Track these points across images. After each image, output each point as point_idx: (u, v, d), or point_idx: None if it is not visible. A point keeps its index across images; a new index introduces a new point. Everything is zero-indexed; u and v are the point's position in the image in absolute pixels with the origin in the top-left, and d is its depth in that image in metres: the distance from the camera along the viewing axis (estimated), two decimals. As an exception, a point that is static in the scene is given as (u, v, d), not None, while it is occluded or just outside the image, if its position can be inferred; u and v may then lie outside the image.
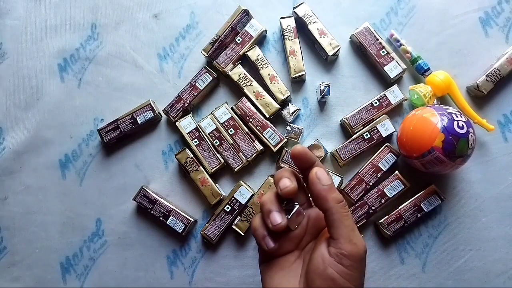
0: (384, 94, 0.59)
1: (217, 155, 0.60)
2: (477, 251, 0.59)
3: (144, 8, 0.66)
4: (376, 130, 0.58)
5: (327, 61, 0.62)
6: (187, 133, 0.60)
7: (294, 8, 0.61)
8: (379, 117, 0.59)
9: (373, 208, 0.57)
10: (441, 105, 0.55)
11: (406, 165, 0.60)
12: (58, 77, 0.65)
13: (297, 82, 0.63)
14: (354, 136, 0.59)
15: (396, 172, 0.58)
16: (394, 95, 0.59)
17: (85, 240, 0.62)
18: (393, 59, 0.59)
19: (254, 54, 0.61)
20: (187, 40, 0.65)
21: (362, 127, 0.59)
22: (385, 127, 0.58)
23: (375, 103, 0.59)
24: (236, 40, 0.61)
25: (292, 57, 0.60)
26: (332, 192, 0.36)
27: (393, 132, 0.58)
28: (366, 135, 0.58)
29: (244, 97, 0.60)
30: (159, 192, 0.62)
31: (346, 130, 0.61)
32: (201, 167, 0.60)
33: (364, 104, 0.59)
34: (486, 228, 0.59)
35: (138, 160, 0.63)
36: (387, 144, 0.59)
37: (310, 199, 0.41)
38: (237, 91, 0.63)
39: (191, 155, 0.60)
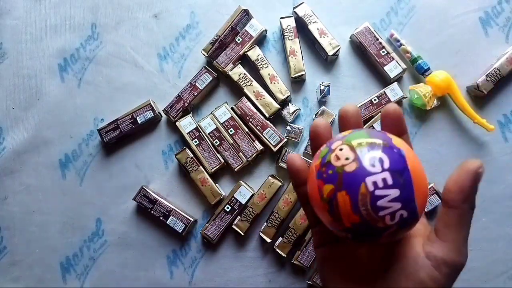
0: (384, 92, 0.59)
1: (217, 155, 0.60)
2: (477, 251, 0.59)
3: (144, 8, 0.66)
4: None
5: (327, 61, 0.62)
6: (187, 133, 0.60)
7: (294, 8, 0.61)
8: (378, 114, 0.59)
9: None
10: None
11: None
12: (58, 77, 0.65)
13: (297, 82, 0.63)
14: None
15: (396, 172, 0.58)
16: (394, 92, 0.59)
17: (85, 240, 0.62)
18: (393, 59, 0.59)
19: (254, 54, 0.61)
20: (187, 40, 0.65)
21: (361, 124, 0.59)
22: None
23: (375, 100, 0.59)
24: (236, 40, 0.61)
25: (292, 57, 0.60)
26: (474, 195, 0.30)
27: None
28: (365, 135, 0.58)
29: (244, 97, 0.60)
30: (159, 192, 0.62)
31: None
32: (201, 167, 0.60)
33: (364, 101, 0.59)
34: (486, 228, 0.59)
35: (138, 160, 0.63)
36: None
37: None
38: (237, 91, 0.63)
39: (191, 155, 0.60)
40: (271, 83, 0.60)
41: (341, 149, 0.27)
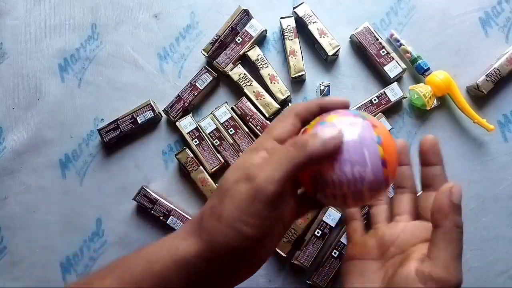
0: (384, 92, 0.59)
1: (217, 155, 0.60)
2: (477, 251, 0.59)
3: (144, 8, 0.66)
4: (373, 129, 0.58)
5: (327, 61, 0.62)
6: (187, 133, 0.60)
7: (294, 8, 0.61)
8: (377, 114, 0.59)
9: (373, 208, 0.57)
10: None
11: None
12: (59, 77, 0.65)
13: (297, 82, 0.63)
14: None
15: (396, 172, 0.58)
16: (394, 92, 0.59)
17: (86, 239, 0.62)
18: (393, 59, 0.59)
19: (254, 54, 0.61)
20: (187, 40, 0.65)
21: (361, 124, 0.59)
22: None
23: (374, 100, 0.59)
24: (236, 40, 0.61)
25: (292, 57, 0.60)
26: (456, 213, 0.32)
27: (390, 129, 0.58)
28: (364, 135, 0.58)
29: (244, 97, 0.61)
30: (159, 192, 0.62)
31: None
32: (201, 167, 0.60)
33: (363, 101, 0.59)
34: (486, 228, 0.59)
35: (138, 160, 0.63)
36: None
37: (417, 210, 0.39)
38: (237, 91, 0.63)
39: (191, 155, 0.60)
40: (271, 83, 0.60)
41: None
